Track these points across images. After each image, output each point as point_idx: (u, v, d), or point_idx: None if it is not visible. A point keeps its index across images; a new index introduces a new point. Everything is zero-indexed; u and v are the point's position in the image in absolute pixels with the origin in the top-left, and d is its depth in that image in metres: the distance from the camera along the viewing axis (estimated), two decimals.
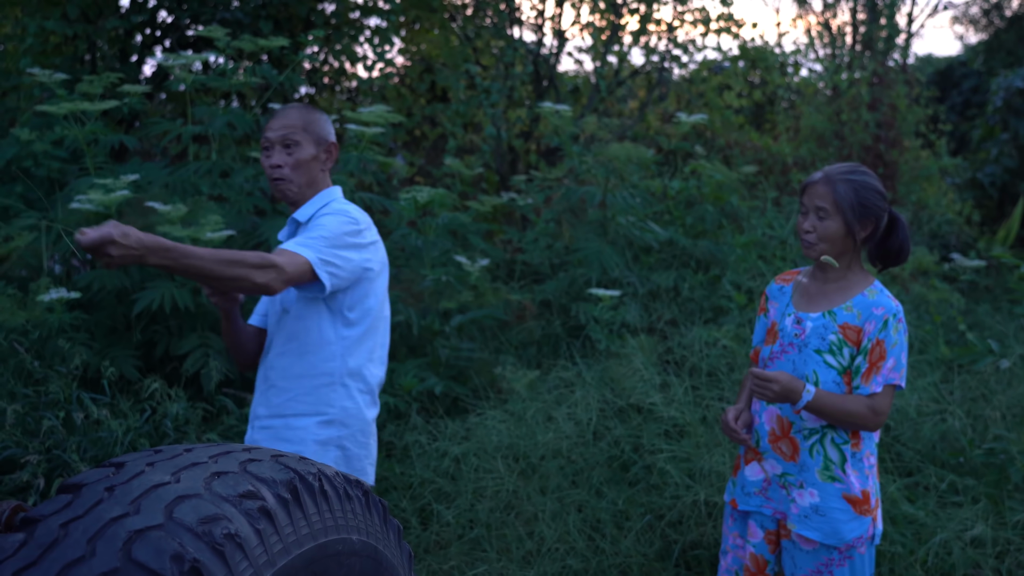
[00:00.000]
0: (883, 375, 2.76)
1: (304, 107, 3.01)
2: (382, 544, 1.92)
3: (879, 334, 2.76)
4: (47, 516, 1.56)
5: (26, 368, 4.33)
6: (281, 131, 2.92)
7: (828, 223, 2.79)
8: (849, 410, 2.74)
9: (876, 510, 2.86)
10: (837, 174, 2.81)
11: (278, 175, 2.93)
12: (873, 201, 2.79)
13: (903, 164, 10.37)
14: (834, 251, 2.81)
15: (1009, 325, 6.32)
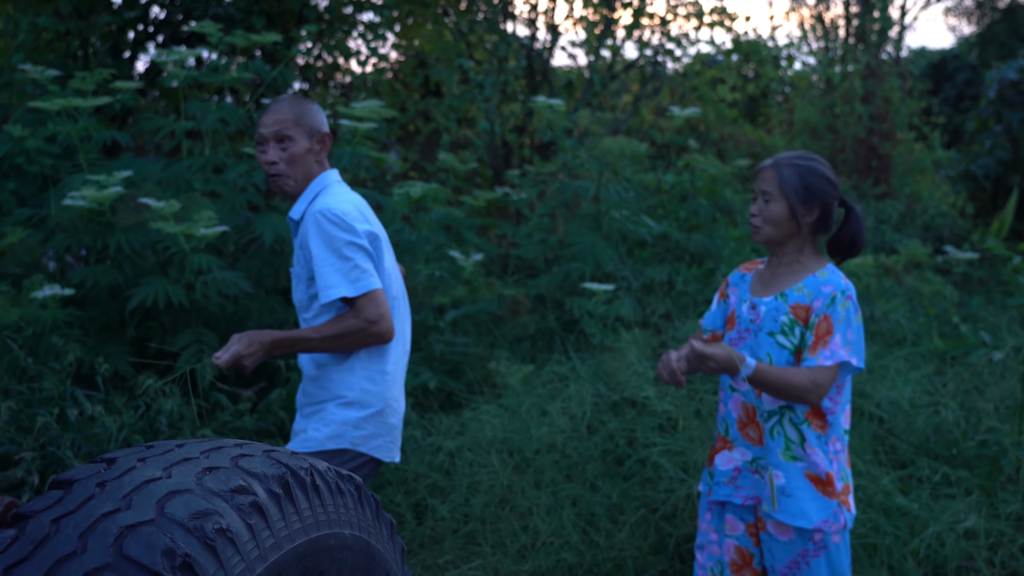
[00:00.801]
0: (830, 350, 2.76)
1: (295, 99, 3.02)
2: (375, 539, 1.92)
3: (826, 310, 2.78)
4: (38, 512, 1.56)
5: (20, 365, 4.33)
6: (274, 126, 2.94)
7: (772, 206, 2.84)
8: (790, 381, 2.75)
9: (845, 496, 2.86)
10: (785, 160, 2.87)
11: (274, 171, 2.96)
12: (817, 185, 2.83)
13: (897, 157, 10.39)
14: (779, 234, 2.85)
15: (1002, 317, 6.33)
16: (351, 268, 2.85)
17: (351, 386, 2.94)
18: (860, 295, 6.40)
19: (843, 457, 2.87)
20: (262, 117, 2.99)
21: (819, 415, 2.84)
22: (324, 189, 2.99)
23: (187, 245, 4.71)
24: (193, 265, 4.71)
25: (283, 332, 2.84)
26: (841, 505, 2.83)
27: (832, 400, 2.84)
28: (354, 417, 2.92)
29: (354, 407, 2.93)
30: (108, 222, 4.93)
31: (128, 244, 4.84)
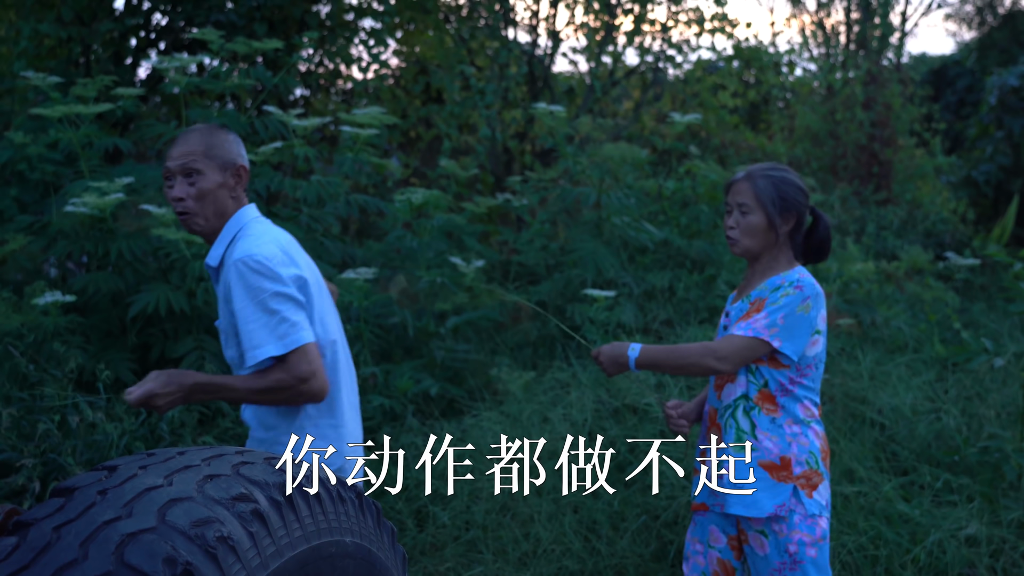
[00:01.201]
0: (748, 324, 2.77)
1: (207, 129, 2.73)
2: (376, 546, 1.92)
3: (769, 294, 2.82)
4: (40, 519, 1.56)
5: (21, 372, 4.33)
6: (180, 160, 2.65)
7: (750, 218, 2.86)
8: (679, 351, 2.80)
9: (807, 481, 2.79)
10: (758, 171, 2.89)
11: (182, 208, 2.66)
12: (792, 195, 2.85)
13: (898, 163, 10.39)
14: (757, 245, 2.87)
15: (1003, 323, 6.33)
16: (279, 322, 2.56)
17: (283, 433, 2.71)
18: (861, 301, 6.40)
19: (805, 442, 2.81)
20: (170, 149, 2.70)
21: (769, 398, 2.82)
22: (242, 230, 2.70)
23: (188, 252, 4.71)
24: (194, 272, 4.71)
25: (208, 376, 2.55)
26: (799, 489, 2.77)
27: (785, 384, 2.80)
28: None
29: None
30: (109, 229, 4.93)
31: (129, 251, 4.85)
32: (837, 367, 5.31)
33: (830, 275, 6.49)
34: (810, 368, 2.84)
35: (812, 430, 2.83)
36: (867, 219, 9.27)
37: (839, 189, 9.65)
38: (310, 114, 8.75)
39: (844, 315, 6.01)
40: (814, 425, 2.84)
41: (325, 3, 8.41)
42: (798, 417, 2.82)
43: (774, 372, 2.81)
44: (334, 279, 5.03)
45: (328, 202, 5.44)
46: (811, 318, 2.78)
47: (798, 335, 2.77)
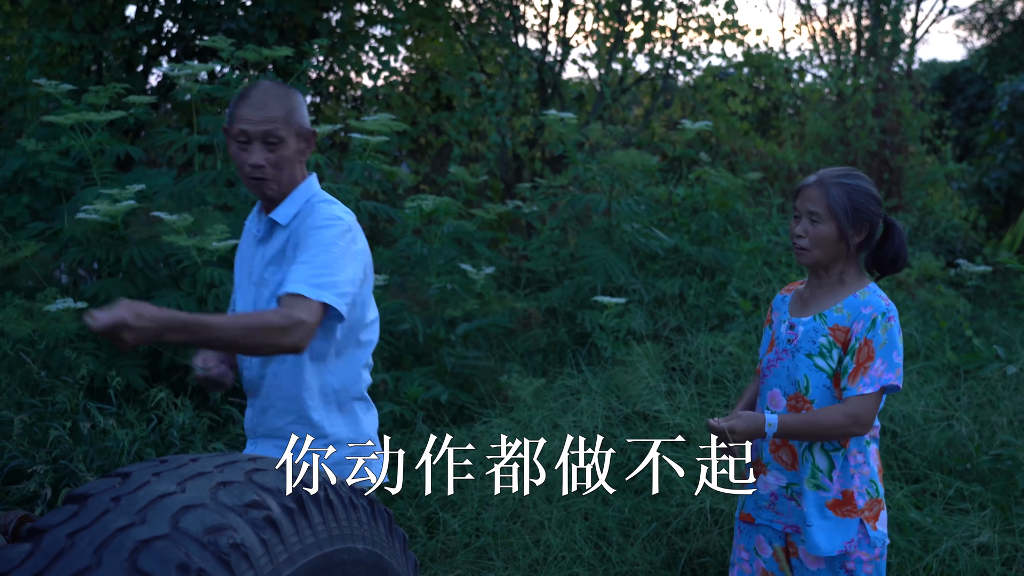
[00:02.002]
0: (871, 376, 2.67)
1: (283, 92, 2.64)
2: (387, 553, 1.92)
3: (867, 333, 2.69)
4: (54, 526, 1.57)
5: (33, 378, 4.34)
6: (264, 125, 2.56)
7: (821, 227, 2.73)
8: (822, 424, 2.67)
9: (871, 512, 2.76)
10: (831, 178, 2.75)
11: (258, 175, 2.60)
12: (867, 206, 2.73)
13: (908, 170, 10.37)
14: (826, 256, 2.75)
15: (1015, 330, 6.31)
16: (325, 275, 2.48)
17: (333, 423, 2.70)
18: None
19: (867, 470, 2.76)
20: (243, 109, 2.58)
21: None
22: (315, 195, 2.68)
23: (199, 258, 4.73)
24: (205, 278, 4.72)
25: (187, 314, 2.29)
26: (865, 523, 2.73)
27: None
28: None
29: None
30: (121, 235, 4.95)
31: (141, 257, 4.86)
32: None
33: None
34: None
35: (872, 452, 2.79)
36: None
37: None
38: (320, 121, 8.77)
39: None
40: (874, 445, 2.80)
41: (336, 10, 8.44)
42: (862, 443, 2.77)
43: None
44: None
45: None
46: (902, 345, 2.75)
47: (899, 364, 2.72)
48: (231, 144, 2.63)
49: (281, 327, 2.35)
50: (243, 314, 2.50)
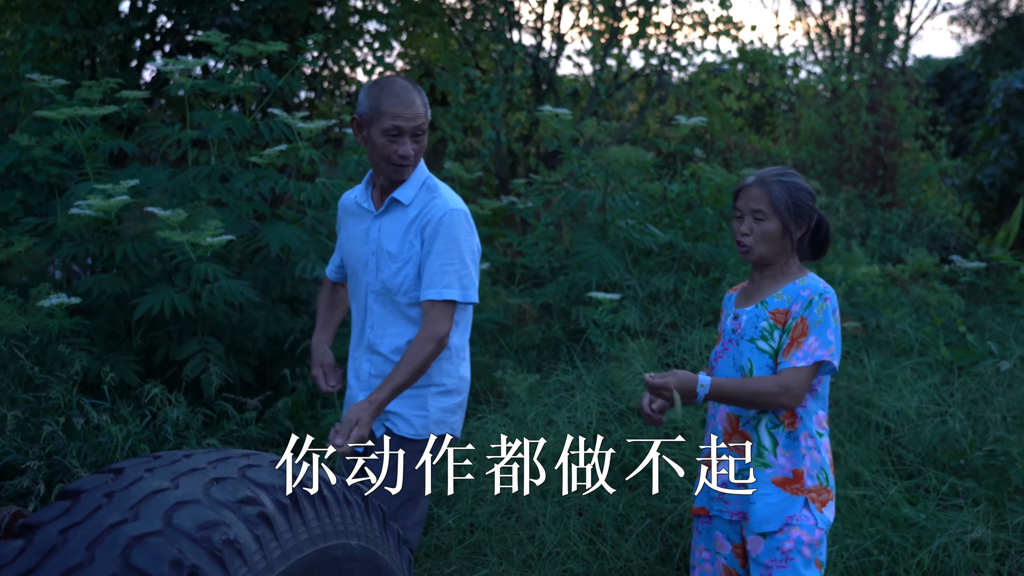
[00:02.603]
0: (804, 350, 2.76)
1: (418, 89, 3.05)
2: (381, 549, 1.92)
3: (803, 312, 2.80)
4: (46, 522, 1.56)
5: (26, 374, 4.33)
6: (415, 121, 3.00)
7: (766, 224, 2.86)
8: (755, 389, 2.76)
9: (819, 496, 2.81)
10: (770, 177, 2.88)
11: (406, 163, 3.04)
12: (805, 201, 2.87)
13: (903, 166, 10.38)
14: (772, 251, 2.87)
15: (1009, 327, 6.32)
16: (467, 275, 3.02)
17: (449, 375, 3.13)
18: (866, 304, 6.39)
19: (818, 456, 2.84)
20: (392, 106, 2.99)
21: (791, 413, 2.84)
22: (429, 178, 3.11)
23: (193, 254, 4.72)
24: (199, 274, 4.71)
25: (382, 394, 2.90)
26: (811, 503, 2.79)
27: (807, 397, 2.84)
28: (451, 404, 3.14)
29: (452, 395, 3.14)
30: (114, 231, 4.94)
31: (134, 253, 4.85)
32: (842, 370, 5.30)
33: (835, 278, 6.48)
34: (822, 379, 2.87)
35: (824, 443, 2.86)
36: (872, 222, 9.26)
37: (844, 192, 9.64)
38: (315, 116, 8.76)
39: (849, 318, 6.00)
40: (826, 438, 2.87)
41: (330, 6, 8.42)
42: (812, 430, 2.85)
43: None
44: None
45: (332, 204, 5.44)
46: (839, 327, 2.83)
47: (839, 346, 2.82)
48: (371, 133, 3.02)
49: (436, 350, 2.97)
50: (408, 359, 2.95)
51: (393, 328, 3.12)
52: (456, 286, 2.98)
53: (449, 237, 3.01)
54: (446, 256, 3.00)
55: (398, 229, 3.08)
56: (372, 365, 3.17)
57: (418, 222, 3.05)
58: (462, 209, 3.06)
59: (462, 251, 3.01)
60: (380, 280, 3.10)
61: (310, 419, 4.77)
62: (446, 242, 3.01)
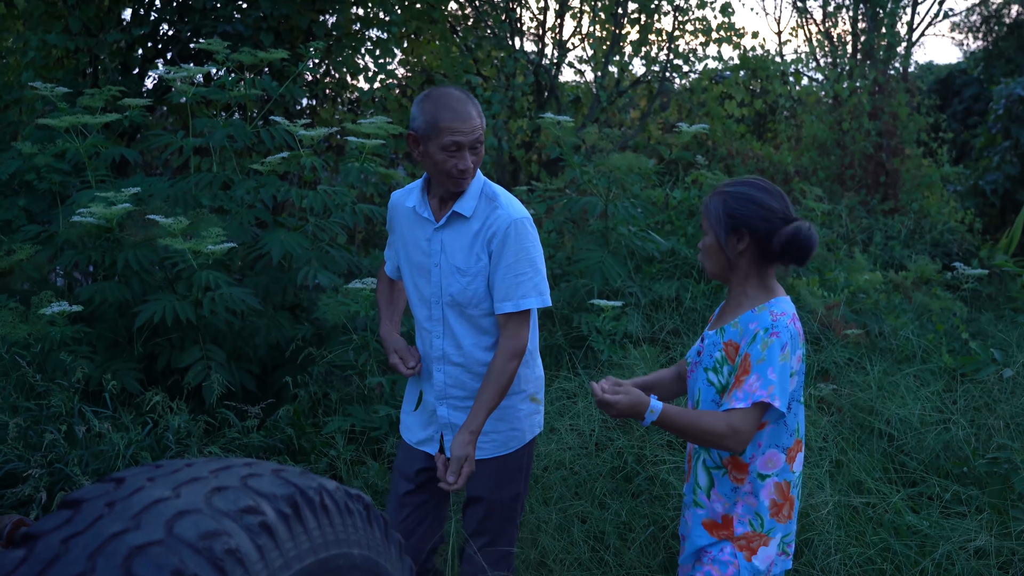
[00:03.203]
0: (743, 391, 2.52)
1: (473, 99, 3.03)
2: (383, 558, 1.91)
3: (747, 348, 2.56)
4: (48, 532, 1.55)
5: (28, 381, 4.33)
6: (474, 135, 2.98)
7: (706, 239, 2.68)
8: (702, 426, 2.52)
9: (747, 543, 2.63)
10: (718, 189, 2.68)
11: (466, 177, 3.03)
12: (743, 211, 2.59)
13: (904, 172, 10.38)
14: (715, 266, 2.69)
15: (1012, 333, 6.31)
16: (540, 280, 3.04)
17: (528, 379, 3.18)
18: (869, 311, 6.38)
19: (753, 501, 2.63)
20: (450, 121, 2.94)
21: (739, 466, 2.64)
22: (487, 185, 3.10)
23: (195, 261, 4.72)
24: (200, 281, 4.71)
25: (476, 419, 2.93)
26: (737, 550, 2.61)
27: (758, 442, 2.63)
28: (534, 406, 3.22)
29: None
30: (116, 238, 4.94)
31: (136, 260, 4.85)
32: (845, 377, 5.29)
33: (838, 285, 6.48)
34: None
35: (766, 487, 2.63)
36: (874, 229, 9.26)
37: (846, 199, 9.64)
38: (317, 124, 8.76)
39: (852, 325, 5.99)
40: (773, 479, 2.63)
41: (332, 13, 8.43)
42: (754, 472, 2.63)
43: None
44: (340, 289, 5.03)
45: (334, 211, 5.44)
46: (790, 365, 2.56)
47: (787, 386, 2.55)
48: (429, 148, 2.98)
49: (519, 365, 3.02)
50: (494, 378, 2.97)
51: (467, 339, 3.12)
52: (533, 294, 3.01)
53: (518, 248, 3.00)
54: (518, 267, 3.00)
55: (463, 243, 3.06)
56: (446, 376, 3.16)
57: (483, 235, 3.03)
58: (525, 216, 3.05)
59: (533, 258, 3.03)
60: (449, 293, 3.09)
61: (312, 426, 4.77)
62: (515, 252, 3.00)
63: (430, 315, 3.15)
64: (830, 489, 4.16)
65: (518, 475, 3.18)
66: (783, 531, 2.66)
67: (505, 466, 3.14)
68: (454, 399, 3.15)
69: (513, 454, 3.16)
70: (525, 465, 3.20)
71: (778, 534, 2.65)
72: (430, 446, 3.22)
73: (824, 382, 5.28)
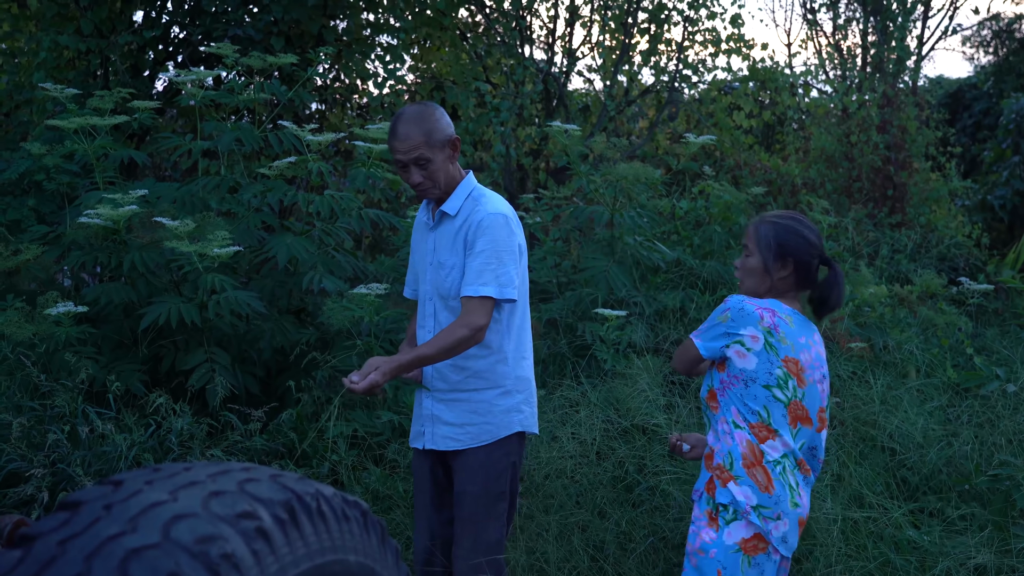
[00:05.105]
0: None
1: (420, 115, 3.16)
2: (379, 565, 1.92)
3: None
4: (45, 533, 1.56)
5: (32, 381, 4.35)
6: (411, 153, 3.13)
7: (750, 260, 3.02)
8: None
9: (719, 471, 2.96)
10: (768, 216, 3.05)
11: (421, 189, 3.21)
12: (792, 243, 2.98)
13: (912, 186, 10.37)
14: (754, 285, 3.03)
15: (1017, 349, 6.29)
16: (503, 272, 3.13)
17: (507, 376, 3.25)
18: (873, 324, 6.37)
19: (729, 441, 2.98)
20: (395, 140, 3.14)
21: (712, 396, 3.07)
22: (475, 189, 3.26)
23: (201, 264, 4.73)
24: (206, 284, 4.73)
25: (406, 357, 3.07)
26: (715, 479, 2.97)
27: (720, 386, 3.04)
28: (513, 403, 3.27)
29: (512, 394, 3.26)
30: (123, 240, 4.96)
31: (142, 262, 4.87)
32: (848, 391, 5.28)
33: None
34: (736, 380, 2.96)
35: (739, 435, 2.96)
36: (881, 242, 9.24)
37: (853, 211, 9.63)
38: (325, 129, 8.79)
39: (856, 339, 5.99)
40: (743, 432, 2.96)
41: (342, 19, 8.46)
42: (729, 418, 2.99)
43: (715, 372, 3.03)
44: (345, 294, 5.04)
45: (341, 216, 5.46)
46: (726, 327, 2.94)
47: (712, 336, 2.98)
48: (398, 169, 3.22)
49: (468, 338, 3.08)
50: (440, 336, 3.11)
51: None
52: (493, 284, 3.11)
53: (488, 239, 3.13)
54: (484, 256, 3.12)
55: (448, 239, 3.24)
56: (432, 368, 3.31)
57: (463, 230, 3.21)
58: (502, 212, 3.17)
59: (500, 251, 3.13)
60: (435, 287, 3.28)
61: (314, 431, 4.78)
62: (485, 243, 3.13)
63: (424, 311, 3.35)
64: (831, 502, 4.15)
65: (503, 473, 3.24)
66: (757, 495, 2.91)
67: (486, 461, 3.22)
68: (438, 391, 3.29)
69: (493, 450, 3.23)
70: (510, 464, 3.26)
71: (747, 487, 2.92)
72: (420, 441, 3.34)
73: None
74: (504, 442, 3.24)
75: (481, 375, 3.24)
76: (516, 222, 3.24)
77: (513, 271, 3.16)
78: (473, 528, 3.22)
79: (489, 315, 3.12)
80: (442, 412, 3.28)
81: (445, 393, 3.28)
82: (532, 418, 3.34)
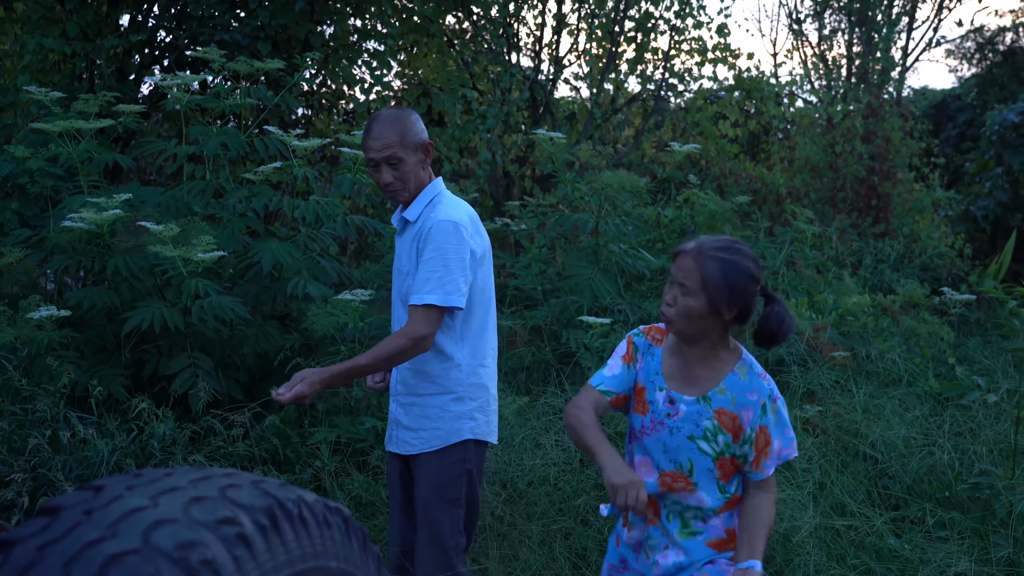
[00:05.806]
0: (773, 458, 2.64)
1: (393, 117, 3.20)
2: (360, 571, 1.91)
3: (760, 421, 2.60)
4: (24, 538, 1.56)
5: (13, 385, 4.32)
6: (384, 152, 3.17)
7: (690, 301, 2.56)
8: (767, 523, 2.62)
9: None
10: (709, 250, 2.57)
11: (391, 189, 3.24)
12: (742, 284, 2.55)
13: (896, 196, 10.43)
14: (691, 329, 2.59)
15: (998, 360, 6.33)
16: (449, 280, 3.10)
17: (460, 383, 3.23)
18: (856, 334, 6.40)
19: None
20: (369, 138, 3.19)
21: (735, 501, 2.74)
22: (438, 195, 3.25)
23: (185, 269, 4.72)
24: (190, 289, 4.72)
25: (339, 367, 3.05)
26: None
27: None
28: (467, 410, 3.23)
29: (465, 401, 3.23)
30: (107, 244, 4.94)
31: (126, 267, 4.85)
32: (831, 399, 5.31)
33: (826, 307, 6.50)
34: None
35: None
36: (864, 252, 9.29)
37: (837, 221, 9.68)
38: (311, 134, 8.78)
39: (839, 348, 6.01)
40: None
41: (329, 24, 8.45)
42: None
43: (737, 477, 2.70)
44: (330, 300, 5.03)
45: (326, 222, 5.45)
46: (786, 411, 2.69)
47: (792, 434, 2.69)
48: (368, 168, 3.26)
49: (408, 348, 3.07)
50: (378, 346, 3.09)
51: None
52: (438, 291, 3.09)
53: (435, 246, 3.12)
54: (431, 264, 3.11)
55: (407, 245, 3.27)
56: (397, 372, 3.33)
57: (418, 236, 3.21)
58: (452, 219, 3.14)
59: (447, 258, 3.11)
60: (398, 293, 3.31)
61: (298, 437, 4.76)
62: (433, 250, 3.12)
63: (392, 316, 3.38)
64: (812, 511, 4.17)
65: (457, 480, 3.20)
66: None
67: (439, 466, 3.20)
68: (399, 395, 3.31)
69: (446, 454, 3.20)
70: (464, 471, 3.22)
71: None
72: (390, 445, 3.36)
73: (810, 404, 5.29)
74: (457, 448, 3.21)
75: (434, 380, 3.22)
76: (471, 228, 3.20)
77: (461, 278, 3.12)
78: (429, 534, 3.20)
79: (434, 324, 3.10)
80: (401, 416, 3.30)
81: (404, 397, 3.29)
82: (487, 427, 3.28)
